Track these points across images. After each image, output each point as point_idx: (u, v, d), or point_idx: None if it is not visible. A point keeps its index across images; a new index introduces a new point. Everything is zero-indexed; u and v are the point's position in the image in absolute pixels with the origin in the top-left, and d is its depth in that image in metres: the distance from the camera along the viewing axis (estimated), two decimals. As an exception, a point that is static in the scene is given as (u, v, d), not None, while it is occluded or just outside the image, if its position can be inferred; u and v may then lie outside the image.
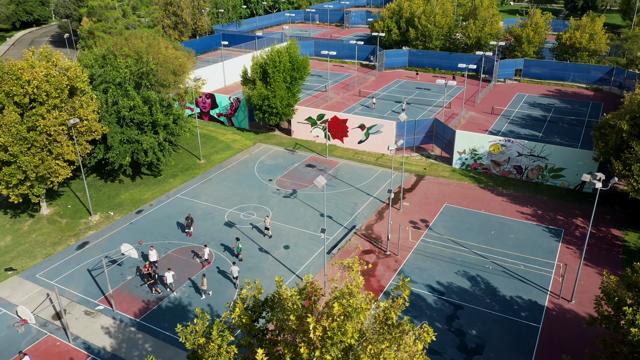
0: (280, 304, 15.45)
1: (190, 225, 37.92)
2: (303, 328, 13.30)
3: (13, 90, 33.94)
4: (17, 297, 32.16)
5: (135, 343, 28.42)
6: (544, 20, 76.50)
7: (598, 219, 40.04)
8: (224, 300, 31.64)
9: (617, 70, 70.61)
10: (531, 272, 33.83)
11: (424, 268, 34.47)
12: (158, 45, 48.59)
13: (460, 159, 48.67)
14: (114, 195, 44.42)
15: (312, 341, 12.75)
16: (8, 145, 33.39)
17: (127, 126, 43.37)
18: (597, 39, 72.28)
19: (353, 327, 12.25)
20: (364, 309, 12.76)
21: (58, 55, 37.09)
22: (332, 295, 14.84)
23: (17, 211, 41.90)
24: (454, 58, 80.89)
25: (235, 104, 59.60)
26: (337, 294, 14.49)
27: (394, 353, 12.74)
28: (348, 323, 12.21)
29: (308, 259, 35.65)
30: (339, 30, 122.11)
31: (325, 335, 12.33)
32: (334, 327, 12.26)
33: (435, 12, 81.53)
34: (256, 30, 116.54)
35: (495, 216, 40.65)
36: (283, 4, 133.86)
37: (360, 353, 12.47)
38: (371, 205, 42.70)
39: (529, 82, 76.56)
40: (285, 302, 14.92)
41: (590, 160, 42.97)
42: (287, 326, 14.36)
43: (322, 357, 12.25)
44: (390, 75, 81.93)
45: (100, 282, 33.43)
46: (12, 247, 37.29)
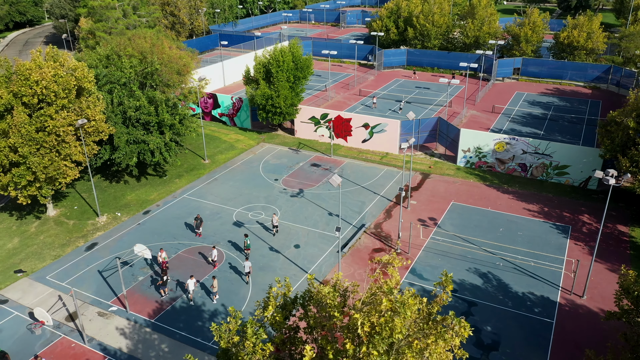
0: (318, 301, 15.50)
1: (199, 225, 37.84)
2: (347, 324, 13.37)
3: (22, 90, 33.67)
4: (28, 299, 31.92)
5: (151, 344, 28.32)
6: (541, 20, 77.05)
7: (604, 215, 40.40)
8: (237, 299, 31.61)
9: (614, 68, 71.30)
10: (541, 268, 34.11)
11: (435, 265, 34.65)
12: (162, 45, 48.39)
13: (465, 157, 48.95)
14: (120, 196, 44.19)
15: (357, 337, 12.82)
16: (18, 146, 33.12)
17: (132, 126, 43.17)
18: (594, 38, 72.98)
19: (401, 322, 12.34)
20: (411, 305, 12.86)
21: (65, 55, 36.84)
22: (370, 292, 14.92)
23: (22, 212, 41.58)
24: (452, 57, 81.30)
25: (237, 104, 59.50)
26: (376, 291, 14.58)
27: (439, 348, 12.86)
28: (396, 318, 12.29)
29: (319, 257, 35.69)
30: (335, 30, 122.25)
31: (373, 331, 12.40)
32: (381, 323, 12.34)
33: (433, 11, 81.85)
34: (252, 30, 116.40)
35: (502, 213, 40.93)
36: (279, 4, 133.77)
37: (404, 348, 12.56)
38: (378, 203, 42.83)
39: (527, 81, 77.11)
40: (324, 299, 14.97)
41: (595, 158, 43.40)
42: (328, 323, 14.42)
43: (368, 353, 12.31)
44: (389, 74, 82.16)
45: (112, 283, 33.27)
46: (20, 248, 37.00)
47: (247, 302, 31.41)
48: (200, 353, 27.57)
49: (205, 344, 28.21)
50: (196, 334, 28.97)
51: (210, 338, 28.60)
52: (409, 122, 51.94)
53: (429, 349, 12.66)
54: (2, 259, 35.86)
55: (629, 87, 69.49)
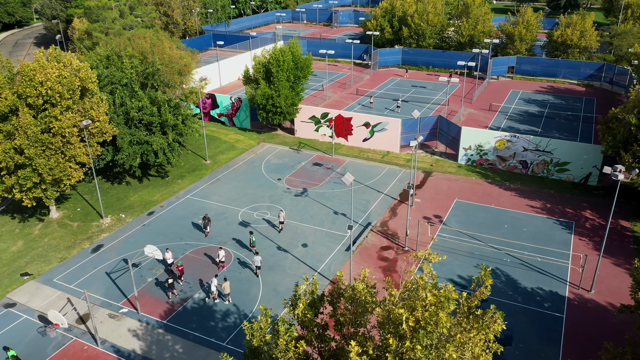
0: (350, 298, 15.58)
1: (207, 225, 37.73)
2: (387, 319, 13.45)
3: (27, 91, 33.31)
4: (36, 302, 31.60)
5: (164, 345, 28.18)
6: (535, 18, 77.85)
7: (605, 211, 40.98)
8: (248, 299, 31.57)
9: (607, 66, 72.25)
10: (548, 263, 34.51)
11: (444, 262, 34.85)
12: (162, 45, 48.12)
13: (466, 155, 49.32)
14: (123, 198, 43.88)
15: (400, 332, 12.92)
16: (24, 148, 32.75)
17: (135, 127, 42.90)
18: (587, 36, 73.87)
19: (447, 316, 12.46)
20: (453, 299, 12.99)
21: (69, 56, 36.50)
22: (405, 288, 15.03)
23: (24, 215, 41.12)
24: (447, 56, 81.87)
25: (236, 104, 59.36)
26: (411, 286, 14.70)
27: (481, 341, 13.02)
28: (441, 312, 12.41)
29: (328, 256, 35.76)
30: (328, 29, 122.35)
31: (418, 325, 12.50)
32: (426, 317, 12.45)
33: (428, 10, 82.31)
34: (245, 30, 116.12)
35: (506, 210, 41.32)
36: (271, 4, 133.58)
37: (444, 343, 12.68)
38: (383, 202, 43.01)
39: (522, 79, 77.85)
40: (359, 295, 15.07)
41: (595, 154, 43.99)
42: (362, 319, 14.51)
43: (412, 347, 12.41)
44: (384, 73, 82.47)
45: (120, 284, 33.05)
46: (25, 251, 36.59)
47: (259, 301, 31.37)
48: (215, 353, 27.49)
49: (219, 344, 28.15)
50: (210, 334, 28.89)
51: (225, 338, 28.56)
52: (409, 121, 52.24)
53: (470, 343, 12.80)
54: (7, 262, 35.45)
55: (622, 84, 70.58)
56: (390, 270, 34.27)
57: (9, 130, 33.45)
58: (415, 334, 12.53)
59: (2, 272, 34.33)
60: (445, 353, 12.56)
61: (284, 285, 32.83)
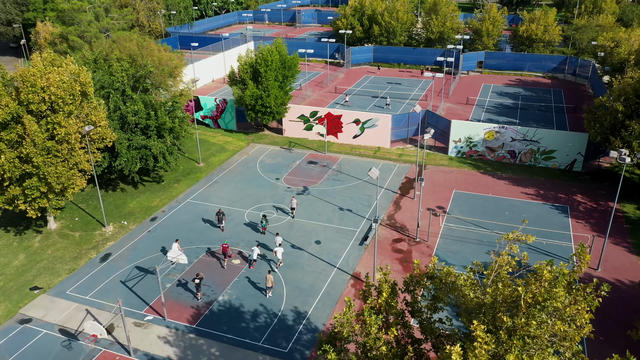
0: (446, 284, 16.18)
1: (222, 219, 37.85)
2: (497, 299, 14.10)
3: (29, 97, 31.97)
4: (53, 316, 30.43)
5: (199, 349, 27.84)
6: (500, 14, 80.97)
7: (595, 194, 43.47)
8: (274, 298, 31.51)
9: (570, 59, 76.10)
10: (553, 246, 36.25)
11: (456, 251, 36.03)
12: (150, 47, 47.11)
13: (456, 147, 50.90)
14: (121, 205, 42.72)
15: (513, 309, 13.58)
16: (32, 156, 31.40)
17: (131, 132, 41.89)
18: (550, 31, 77.50)
19: (563, 291, 13.21)
20: (566, 274, 13.76)
21: (68, 59, 35.25)
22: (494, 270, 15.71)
23: (19, 228, 39.38)
24: (418, 53, 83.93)
25: (221, 106, 58.77)
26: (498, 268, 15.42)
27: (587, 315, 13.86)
28: (557, 288, 13.14)
29: (343, 251, 36.19)
30: (292, 29, 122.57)
31: (534, 301, 13.19)
32: (543, 293, 13.15)
33: (397, 8, 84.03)
34: (208, 31, 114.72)
35: (503, 198, 43.02)
36: (232, 4, 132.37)
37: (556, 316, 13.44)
38: (385, 196, 43.84)
39: (490, 73, 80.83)
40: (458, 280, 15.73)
41: (579, 141, 46.43)
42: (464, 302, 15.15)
43: (526, 323, 13.07)
44: (358, 71, 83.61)
45: (139, 292, 32.30)
46: (29, 265, 35.09)
47: (285, 299, 31.43)
48: (253, 354, 27.42)
49: (255, 344, 28.07)
50: (243, 335, 28.75)
51: (259, 338, 28.49)
52: (399, 116, 53.39)
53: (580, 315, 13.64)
54: (13, 277, 33.91)
55: (585, 75, 74.55)
56: (407, 261, 35.07)
57: (13, 138, 32.00)
58: (530, 310, 13.22)
59: (10, 288, 32.82)
60: (556, 326, 13.30)
61: (306, 282, 33.03)
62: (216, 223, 38.95)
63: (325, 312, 30.40)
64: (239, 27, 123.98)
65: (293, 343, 28.14)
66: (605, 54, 60.21)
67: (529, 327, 13.04)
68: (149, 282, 33.23)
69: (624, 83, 39.93)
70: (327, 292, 32.07)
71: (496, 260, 15.75)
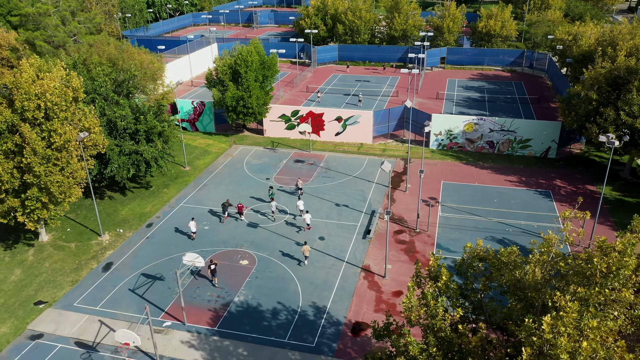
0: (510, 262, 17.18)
1: (226, 210, 39.47)
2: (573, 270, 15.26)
3: (24, 105, 30.70)
4: (66, 329, 29.43)
5: (226, 351, 27.74)
6: (459, 12, 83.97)
7: (572, 178, 46.19)
8: (290, 294, 31.76)
9: (527, 53, 79.98)
10: (544, 227, 38.30)
11: (456, 239, 37.44)
12: (130, 50, 46.01)
13: (437, 140, 52.63)
14: (113, 213, 41.57)
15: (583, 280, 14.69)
16: (34, 166, 30.13)
17: (120, 137, 40.89)
18: (507, 26, 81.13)
19: (635, 260, 14.39)
20: (634, 245, 14.96)
21: (59, 65, 34.03)
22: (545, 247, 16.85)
23: (8, 242, 37.61)
24: (382, 50, 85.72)
25: (199, 108, 58.02)
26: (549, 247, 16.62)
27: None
28: (627, 257, 14.32)
29: (348, 246, 36.84)
30: (250, 30, 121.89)
31: (608, 271, 14.31)
32: (616, 262, 14.29)
33: (360, 7, 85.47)
34: (164, 34, 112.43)
35: (489, 186, 44.96)
36: (186, 6, 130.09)
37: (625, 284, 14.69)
38: (377, 190, 44.82)
39: (453, 69, 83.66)
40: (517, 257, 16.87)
41: (553, 130, 49.16)
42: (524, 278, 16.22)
43: (599, 292, 14.19)
44: (325, 70, 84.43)
45: (151, 299, 31.71)
46: (28, 279, 33.65)
47: (301, 295, 31.74)
48: (282, 351, 27.62)
49: (282, 341, 28.27)
50: (267, 333, 28.86)
51: (284, 335, 28.69)
52: (379, 112, 54.60)
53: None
54: (13, 292, 32.45)
55: (541, 68, 78.57)
56: (411, 251, 36.14)
57: (10, 148, 30.61)
58: (603, 280, 14.35)
59: (12, 304, 31.41)
60: (623, 294, 14.51)
61: (318, 278, 33.45)
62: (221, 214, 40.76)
63: (343, 305, 30.95)
64: (194, 29, 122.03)
65: (319, 337, 28.53)
66: (564, 47, 63.81)
67: (601, 295, 14.16)
68: (158, 289, 32.68)
69: (595, 73, 42.66)
70: (341, 286, 32.63)
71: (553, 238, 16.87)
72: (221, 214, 40.50)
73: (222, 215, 40.25)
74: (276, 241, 37.41)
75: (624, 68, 40.54)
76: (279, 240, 37.57)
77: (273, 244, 37.13)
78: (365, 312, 30.42)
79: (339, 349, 27.69)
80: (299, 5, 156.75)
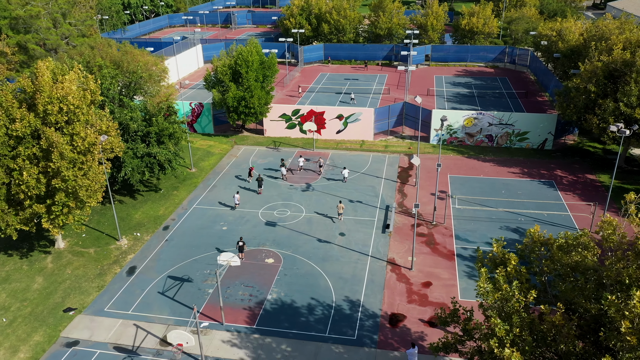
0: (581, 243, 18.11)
1: (261, 184, 43.80)
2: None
3: (48, 108, 30.08)
4: (102, 334, 29.01)
5: (269, 347, 27.92)
6: (442, 10, 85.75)
7: (570, 168, 48.04)
8: (322, 290, 32.10)
9: (509, 48, 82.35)
10: (555, 216, 39.86)
11: (473, 230, 38.54)
12: (133, 52, 45.43)
13: (437, 135, 53.80)
14: (127, 217, 40.99)
15: None
16: (63, 170, 29.53)
17: (132, 140, 40.39)
18: (489, 23, 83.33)
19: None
20: None
21: (76, 67, 33.40)
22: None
23: (22, 251, 36.71)
24: (367, 49, 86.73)
25: (197, 110, 57.61)
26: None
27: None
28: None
29: (370, 240, 37.45)
30: (228, 31, 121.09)
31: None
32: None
33: (344, 7, 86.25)
34: (141, 36, 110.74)
35: (495, 178, 46.34)
36: (162, 7, 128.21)
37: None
38: (387, 185, 45.58)
39: (437, 66, 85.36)
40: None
41: (550, 122, 50.99)
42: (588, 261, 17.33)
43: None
44: (312, 69, 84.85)
45: (183, 301, 31.56)
46: (52, 287, 32.95)
47: (333, 291, 32.15)
48: (325, 345, 28.00)
49: (323, 336, 28.63)
50: (307, 328, 29.18)
51: (324, 329, 29.05)
52: (380, 110, 55.42)
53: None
54: (39, 301, 31.74)
55: (523, 64, 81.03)
56: (432, 243, 37.02)
57: (34, 153, 29.92)
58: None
59: (40, 312, 30.75)
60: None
61: (346, 272, 33.93)
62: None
63: (376, 298, 31.53)
64: (171, 31, 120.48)
65: (358, 330, 29.03)
66: (549, 43, 66.09)
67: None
68: (188, 290, 32.55)
69: (592, 66, 44.51)
70: (371, 280, 33.20)
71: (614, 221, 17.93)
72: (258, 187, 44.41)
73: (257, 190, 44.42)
74: (297, 238, 37.70)
75: (621, 61, 42.46)
76: (299, 237, 37.87)
77: (295, 241, 37.41)
78: (399, 303, 31.08)
79: (380, 340, 28.25)
80: (273, 6, 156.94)
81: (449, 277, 33.36)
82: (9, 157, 30.36)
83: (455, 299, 21.03)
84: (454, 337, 19.87)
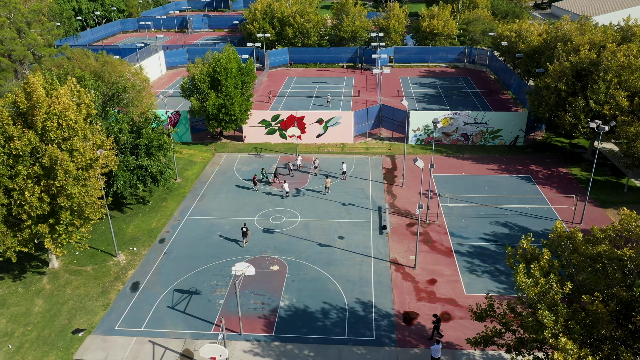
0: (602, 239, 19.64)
1: (277, 175, 46.49)
2: None
3: (47, 125, 29.10)
4: (117, 354, 28.40)
5: (293, 354, 28.23)
6: (403, 12, 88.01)
7: (543, 162, 50.78)
8: (332, 293, 32.67)
9: (468, 49, 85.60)
10: (538, 209, 42.13)
11: (466, 226, 40.17)
12: (112, 62, 44.34)
13: (415, 136, 55.45)
14: (119, 232, 39.98)
15: None
16: (69, 188, 28.59)
17: (121, 153, 39.50)
18: (449, 25, 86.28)
19: None
20: None
21: (70, 81, 32.37)
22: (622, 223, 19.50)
23: (14, 273, 35.17)
24: (332, 52, 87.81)
25: (174, 118, 56.71)
26: None
27: None
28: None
29: (369, 242, 38.33)
30: (185, 36, 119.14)
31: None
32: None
33: (307, 10, 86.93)
34: (94, 42, 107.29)
35: (476, 176, 48.35)
36: (114, 12, 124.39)
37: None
38: (375, 187, 46.65)
39: (401, 67, 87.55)
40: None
41: (521, 120, 53.67)
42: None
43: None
44: (278, 73, 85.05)
45: (196, 314, 31.31)
46: (55, 308, 31.83)
47: (343, 293, 32.78)
48: (347, 347, 28.59)
49: (343, 338, 29.23)
50: (326, 332, 29.67)
51: (342, 332, 29.64)
52: (359, 113, 56.48)
53: None
54: (44, 324, 30.59)
55: (483, 63, 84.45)
56: (429, 241, 38.33)
57: (35, 172, 28.83)
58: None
59: (48, 336, 29.68)
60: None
61: (353, 275, 34.64)
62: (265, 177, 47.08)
63: (387, 298, 32.43)
64: (125, 36, 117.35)
65: (376, 330, 29.81)
66: (509, 43, 69.32)
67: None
68: (199, 302, 32.32)
69: (561, 66, 47.26)
70: (378, 280, 34.07)
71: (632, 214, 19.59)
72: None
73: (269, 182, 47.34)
74: (297, 244, 38.07)
75: (588, 61, 45.37)
76: (300, 242, 38.25)
77: (296, 247, 37.76)
78: (410, 301, 32.10)
79: (399, 339, 29.15)
80: (227, 9, 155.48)
81: (451, 273, 34.71)
82: (6, 176, 29.13)
83: (489, 294, 22.13)
84: (493, 330, 21.00)
